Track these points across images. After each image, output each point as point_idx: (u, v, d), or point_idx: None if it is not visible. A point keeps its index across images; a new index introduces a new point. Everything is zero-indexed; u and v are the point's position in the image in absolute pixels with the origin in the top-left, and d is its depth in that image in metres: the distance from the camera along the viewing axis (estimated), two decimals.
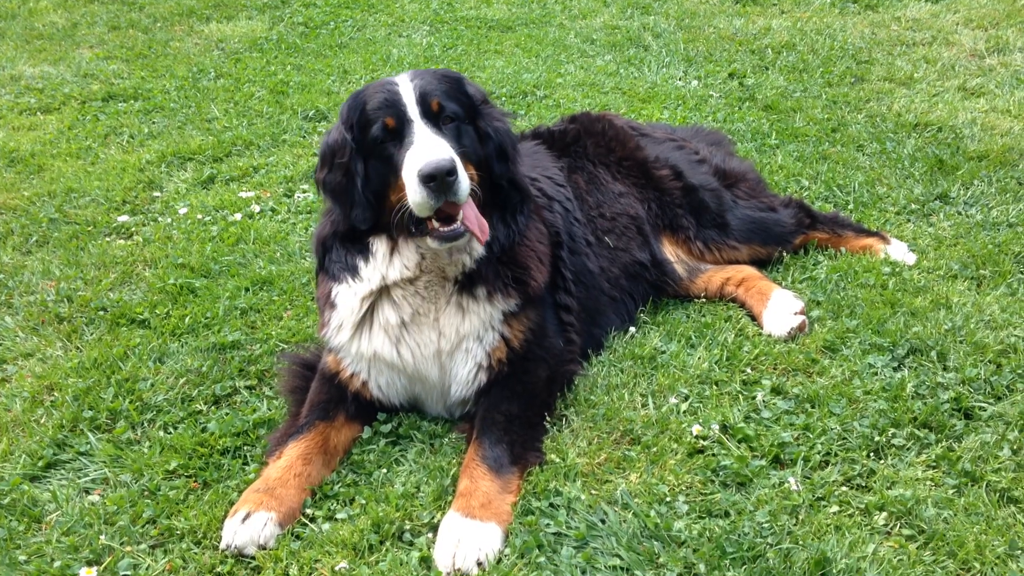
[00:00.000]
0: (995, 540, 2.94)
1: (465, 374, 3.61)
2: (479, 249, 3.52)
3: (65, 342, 4.35)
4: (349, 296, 3.56)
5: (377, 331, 3.57)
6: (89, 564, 3.00)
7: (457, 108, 3.46)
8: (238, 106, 7.72)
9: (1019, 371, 3.75)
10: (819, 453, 3.36)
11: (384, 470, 3.43)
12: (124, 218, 5.69)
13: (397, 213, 3.35)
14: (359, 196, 3.44)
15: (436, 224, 3.32)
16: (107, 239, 5.46)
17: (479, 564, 2.92)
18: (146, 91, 8.15)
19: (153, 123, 7.41)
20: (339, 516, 3.19)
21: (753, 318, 4.33)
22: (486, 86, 7.79)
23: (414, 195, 3.20)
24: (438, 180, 3.13)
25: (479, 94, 3.64)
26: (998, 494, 3.15)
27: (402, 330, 3.57)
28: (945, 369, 3.81)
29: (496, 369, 3.61)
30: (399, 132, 3.35)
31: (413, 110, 3.36)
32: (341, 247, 3.58)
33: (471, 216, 3.33)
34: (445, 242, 3.35)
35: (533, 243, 3.76)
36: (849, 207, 5.42)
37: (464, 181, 3.22)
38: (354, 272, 3.53)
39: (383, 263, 3.50)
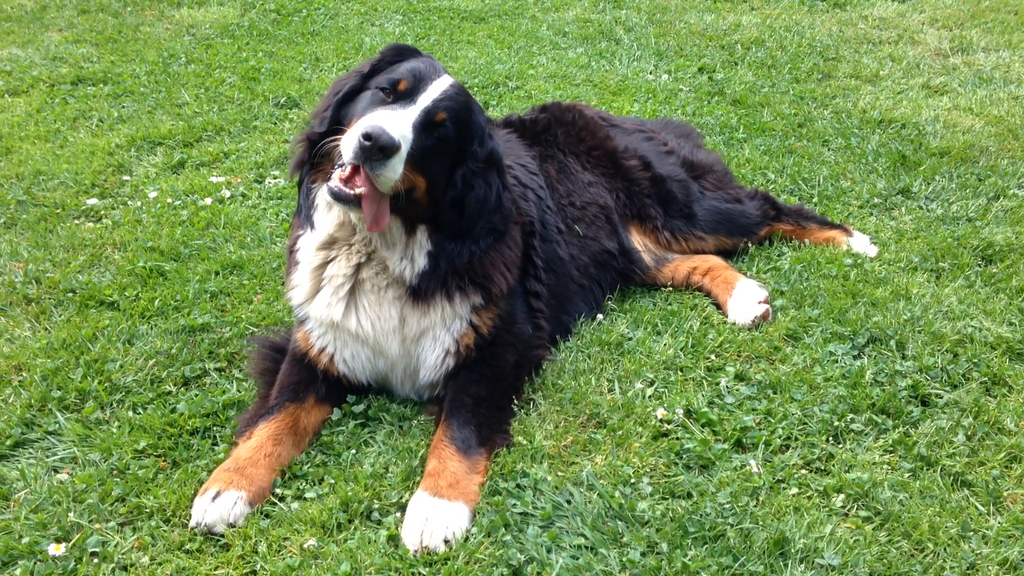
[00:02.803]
0: (948, 522, 3.02)
1: (433, 359, 3.65)
2: (421, 262, 3.52)
3: (33, 323, 4.33)
4: (307, 247, 3.62)
5: (327, 289, 3.59)
6: (58, 541, 3.00)
7: (452, 135, 3.43)
8: (209, 92, 7.68)
9: (975, 360, 3.85)
10: (780, 437, 3.44)
11: (353, 451, 3.46)
12: (93, 201, 5.65)
13: (330, 141, 3.38)
14: (334, 105, 3.52)
15: (337, 177, 3.29)
16: (76, 222, 5.42)
17: (446, 542, 2.96)
18: (116, 75, 8.08)
19: (123, 107, 7.35)
20: (308, 495, 3.22)
21: (718, 307, 4.41)
22: (458, 76, 7.81)
23: (348, 138, 3.20)
24: (371, 145, 3.10)
25: (484, 153, 3.57)
26: (952, 478, 3.24)
27: (357, 290, 3.59)
28: (903, 358, 3.90)
29: (464, 355, 3.65)
30: (399, 96, 3.40)
31: (425, 100, 3.36)
32: (307, 186, 3.61)
33: (369, 206, 3.26)
34: (331, 196, 3.29)
35: (503, 251, 3.74)
36: (814, 200, 5.51)
37: (391, 173, 3.19)
38: (311, 222, 3.58)
39: (323, 212, 3.55)
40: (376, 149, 3.11)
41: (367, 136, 3.10)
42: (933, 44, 8.64)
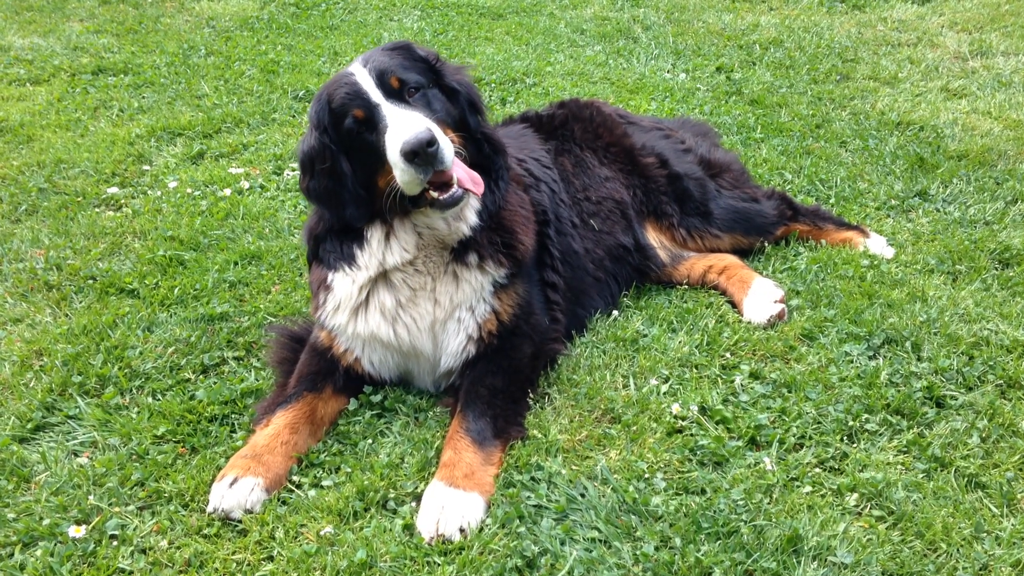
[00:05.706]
0: (962, 523, 3.02)
1: (455, 345, 3.66)
2: (472, 217, 3.55)
3: (54, 309, 4.38)
4: (346, 283, 3.58)
5: (374, 313, 3.60)
6: (78, 523, 3.05)
7: (418, 76, 3.46)
8: (228, 84, 7.73)
9: (990, 363, 3.85)
10: (794, 436, 3.44)
11: (369, 441, 3.49)
12: (113, 190, 5.71)
13: (388, 196, 3.37)
14: (350, 194, 3.45)
15: (434, 194, 3.32)
16: (96, 210, 5.48)
17: (461, 531, 2.98)
18: (136, 66, 8.14)
19: (143, 98, 7.41)
20: (325, 483, 3.25)
21: (734, 305, 4.41)
22: (476, 73, 7.85)
23: (402, 175, 3.22)
24: (421, 154, 3.14)
25: (431, 55, 3.63)
26: (966, 479, 3.24)
27: (399, 310, 3.60)
28: (919, 359, 3.89)
29: (486, 342, 3.66)
30: (371, 119, 3.35)
31: (376, 94, 3.35)
32: (336, 238, 3.59)
33: (463, 176, 3.34)
34: (447, 208, 3.35)
35: (515, 207, 3.79)
36: (831, 201, 5.51)
37: (447, 147, 3.23)
38: (351, 261, 3.55)
39: (379, 249, 3.53)
40: (426, 150, 3.14)
41: (413, 154, 3.14)
42: (952, 47, 8.61)
